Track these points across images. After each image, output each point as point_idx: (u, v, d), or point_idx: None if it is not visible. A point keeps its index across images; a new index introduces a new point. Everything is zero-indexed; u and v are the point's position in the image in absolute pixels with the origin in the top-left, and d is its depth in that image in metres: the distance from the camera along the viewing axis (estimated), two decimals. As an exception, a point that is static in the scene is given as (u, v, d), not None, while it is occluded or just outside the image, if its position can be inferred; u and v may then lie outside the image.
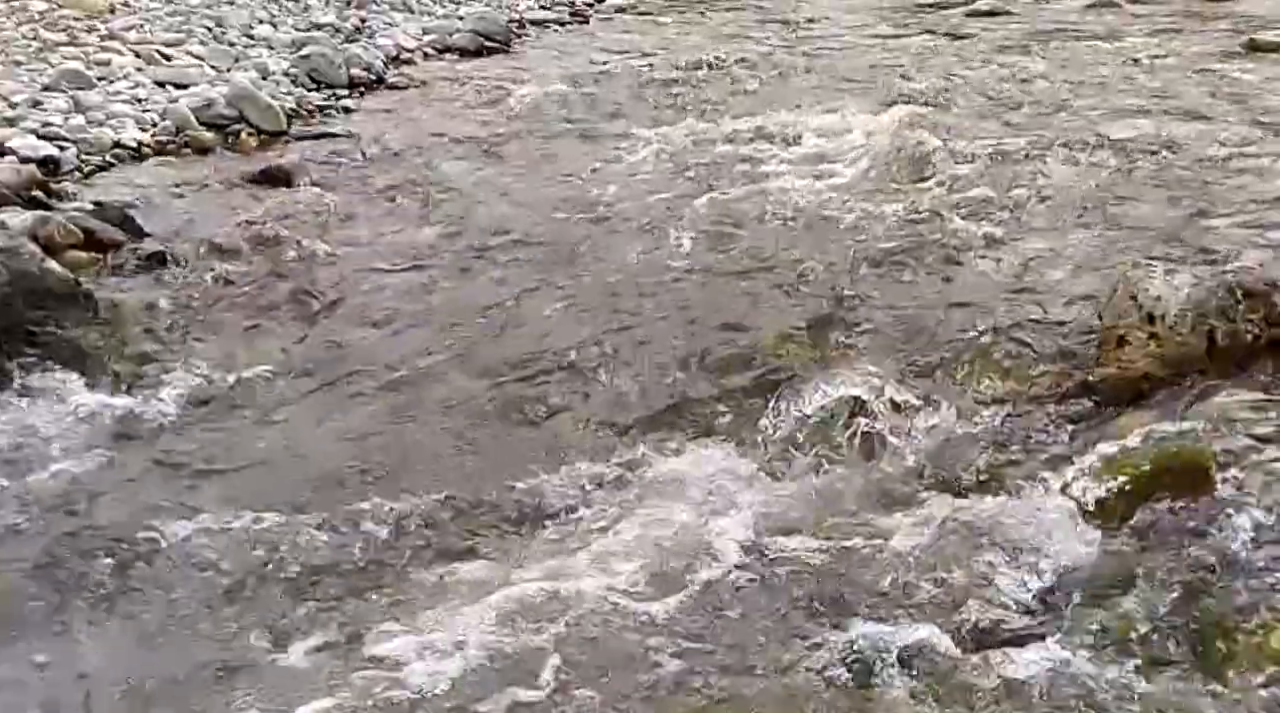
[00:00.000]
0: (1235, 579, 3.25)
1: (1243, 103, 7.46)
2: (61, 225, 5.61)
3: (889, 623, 3.21)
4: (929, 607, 3.26)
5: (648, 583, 3.44)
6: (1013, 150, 6.49)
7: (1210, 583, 3.23)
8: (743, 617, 3.32)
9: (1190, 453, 3.67)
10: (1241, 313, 4.13)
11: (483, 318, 5.16)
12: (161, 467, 4.21)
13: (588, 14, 11.72)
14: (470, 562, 3.64)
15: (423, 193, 6.60)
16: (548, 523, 3.80)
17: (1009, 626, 3.19)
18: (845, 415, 4.08)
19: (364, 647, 3.28)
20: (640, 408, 4.39)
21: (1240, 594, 3.20)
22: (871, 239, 5.50)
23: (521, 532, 3.77)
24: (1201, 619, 3.13)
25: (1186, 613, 3.17)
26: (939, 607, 3.26)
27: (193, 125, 7.33)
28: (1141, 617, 3.15)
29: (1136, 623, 3.14)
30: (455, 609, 3.37)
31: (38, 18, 8.48)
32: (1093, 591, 3.27)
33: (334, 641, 3.33)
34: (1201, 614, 3.14)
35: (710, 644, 3.22)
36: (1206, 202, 5.66)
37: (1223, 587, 3.22)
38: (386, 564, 3.65)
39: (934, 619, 3.20)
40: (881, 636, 3.15)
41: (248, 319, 5.23)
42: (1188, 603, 3.18)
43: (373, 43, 9.55)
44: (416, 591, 3.52)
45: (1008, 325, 4.54)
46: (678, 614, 3.32)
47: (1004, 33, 9.98)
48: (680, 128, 7.32)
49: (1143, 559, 3.35)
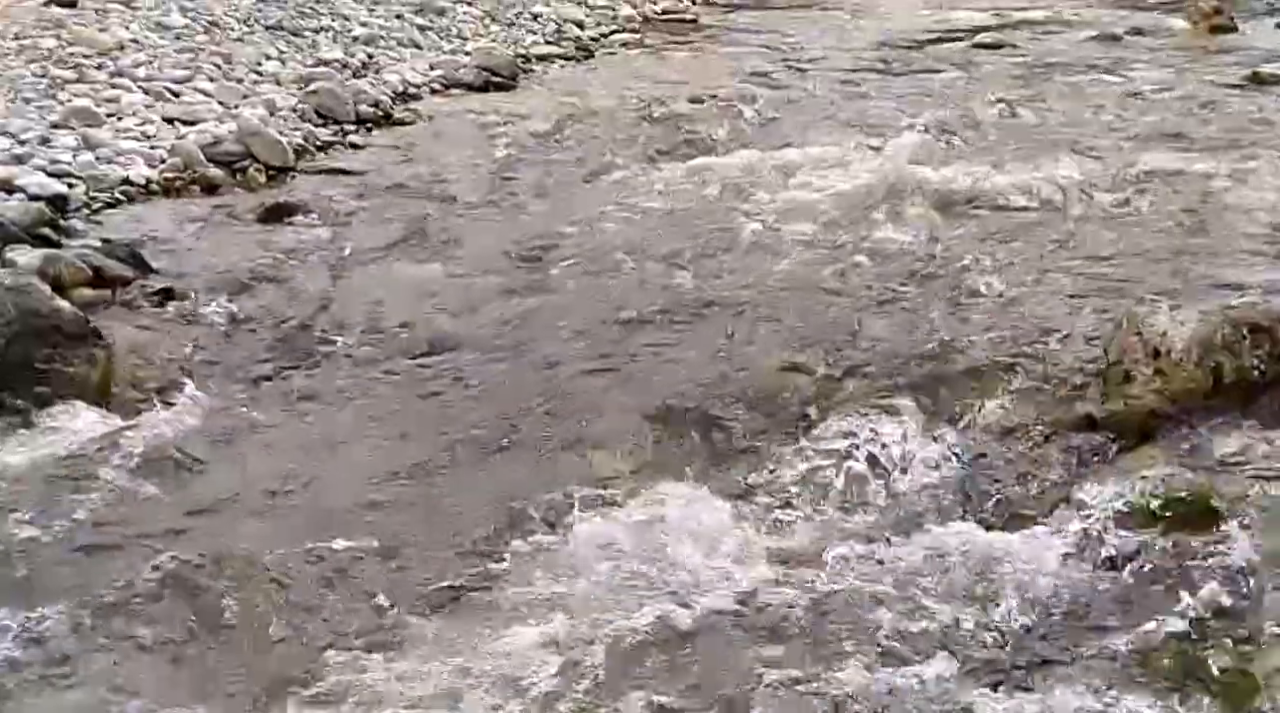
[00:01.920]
0: (1242, 617, 3.25)
1: (1246, 136, 7.49)
2: (70, 263, 5.63)
3: (887, 660, 3.20)
4: (929, 644, 3.25)
5: (638, 617, 3.43)
6: (1016, 184, 6.51)
7: (1217, 621, 3.23)
8: (738, 653, 3.30)
9: (1197, 490, 3.67)
10: (1247, 348, 4.14)
11: (488, 353, 5.18)
12: (168, 503, 4.21)
13: (592, 49, 11.78)
14: (461, 599, 3.66)
15: (429, 228, 6.62)
16: (540, 556, 3.79)
17: (1010, 664, 3.18)
18: (847, 450, 4.09)
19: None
20: (641, 441, 4.40)
21: (1247, 632, 3.20)
22: (874, 273, 5.52)
23: (513, 565, 3.76)
24: (1207, 658, 3.13)
25: (1192, 652, 3.16)
26: (939, 644, 3.25)
27: (200, 162, 7.36)
28: (1146, 656, 3.14)
29: (1141, 662, 3.13)
30: (433, 651, 3.38)
31: (47, 55, 8.52)
32: (1097, 629, 3.27)
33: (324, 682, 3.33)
34: (1207, 654, 3.13)
35: (706, 680, 3.21)
36: (1212, 236, 5.68)
37: (1229, 625, 3.21)
38: (381, 600, 3.65)
39: (934, 657, 3.19)
40: (881, 674, 3.14)
41: (256, 356, 5.24)
42: (1194, 642, 3.17)
43: (380, 78, 9.61)
44: (407, 630, 3.52)
45: (1013, 361, 4.55)
46: (671, 649, 3.32)
47: (1007, 66, 10.02)
48: (684, 162, 7.35)
49: (1148, 597, 3.35)
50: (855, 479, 4.02)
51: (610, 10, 13.21)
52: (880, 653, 3.24)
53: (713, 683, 3.21)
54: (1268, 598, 3.33)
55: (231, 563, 3.80)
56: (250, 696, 3.31)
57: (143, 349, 5.16)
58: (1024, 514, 3.77)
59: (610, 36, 12.30)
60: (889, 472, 4.04)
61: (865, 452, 4.08)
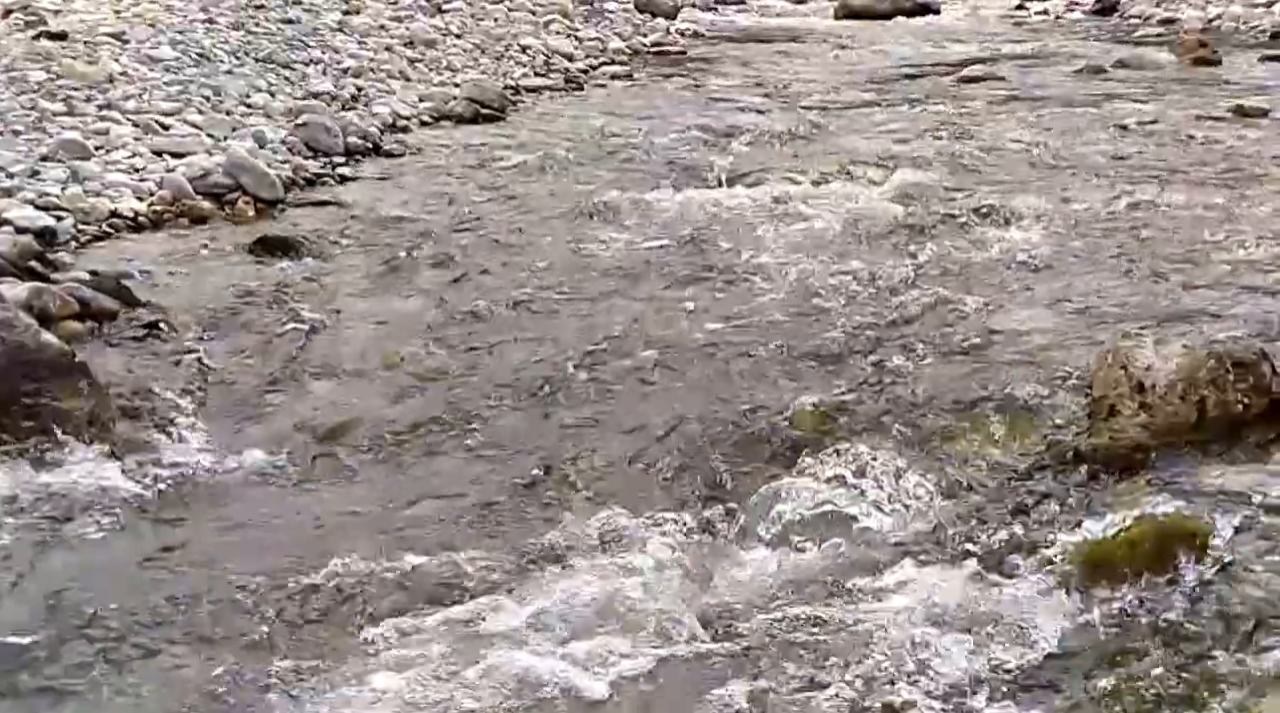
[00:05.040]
0: (1227, 651, 3.25)
1: (1231, 168, 7.55)
2: (57, 296, 5.62)
3: (866, 698, 3.19)
4: (915, 682, 3.24)
5: (618, 654, 3.42)
6: (1003, 217, 6.55)
7: (1202, 656, 3.23)
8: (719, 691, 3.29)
9: (1182, 523, 3.67)
10: (1231, 382, 4.15)
11: (480, 387, 5.17)
12: (153, 538, 4.20)
13: (582, 81, 11.86)
14: (439, 623, 3.64)
15: (419, 261, 6.63)
16: (528, 588, 3.78)
17: (995, 702, 3.18)
18: (833, 484, 4.09)
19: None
20: (633, 477, 4.40)
21: (1233, 666, 3.20)
22: (858, 307, 5.54)
23: (496, 598, 3.75)
24: (1193, 693, 3.13)
25: (1178, 687, 3.16)
26: (926, 681, 3.25)
27: (189, 194, 7.37)
28: (1132, 692, 3.14)
29: (1126, 698, 3.13)
30: (414, 677, 3.37)
31: (36, 88, 8.54)
32: (1081, 665, 3.26)
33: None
34: (1193, 688, 3.13)
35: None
36: (1196, 269, 5.71)
37: (1214, 659, 3.21)
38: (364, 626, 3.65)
39: (921, 695, 3.19)
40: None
41: (244, 390, 5.23)
42: (1179, 676, 3.17)
43: (369, 110, 9.65)
44: (385, 657, 3.51)
45: (998, 395, 4.56)
46: (646, 686, 3.31)
47: (994, 99, 10.11)
48: (672, 195, 7.38)
49: (1133, 632, 3.34)
50: (833, 516, 4.02)
51: (599, 43, 13.33)
52: (858, 692, 3.22)
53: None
54: (1254, 634, 3.32)
55: (215, 599, 3.79)
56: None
57: (130, 383, 5.13)
58: (1008, 548, 3.76)
59: (599, 69, 12.41)
60: (872, 509, 4.04)
61: (847, 488, 4.08)
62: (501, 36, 12.58)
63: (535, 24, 13.32)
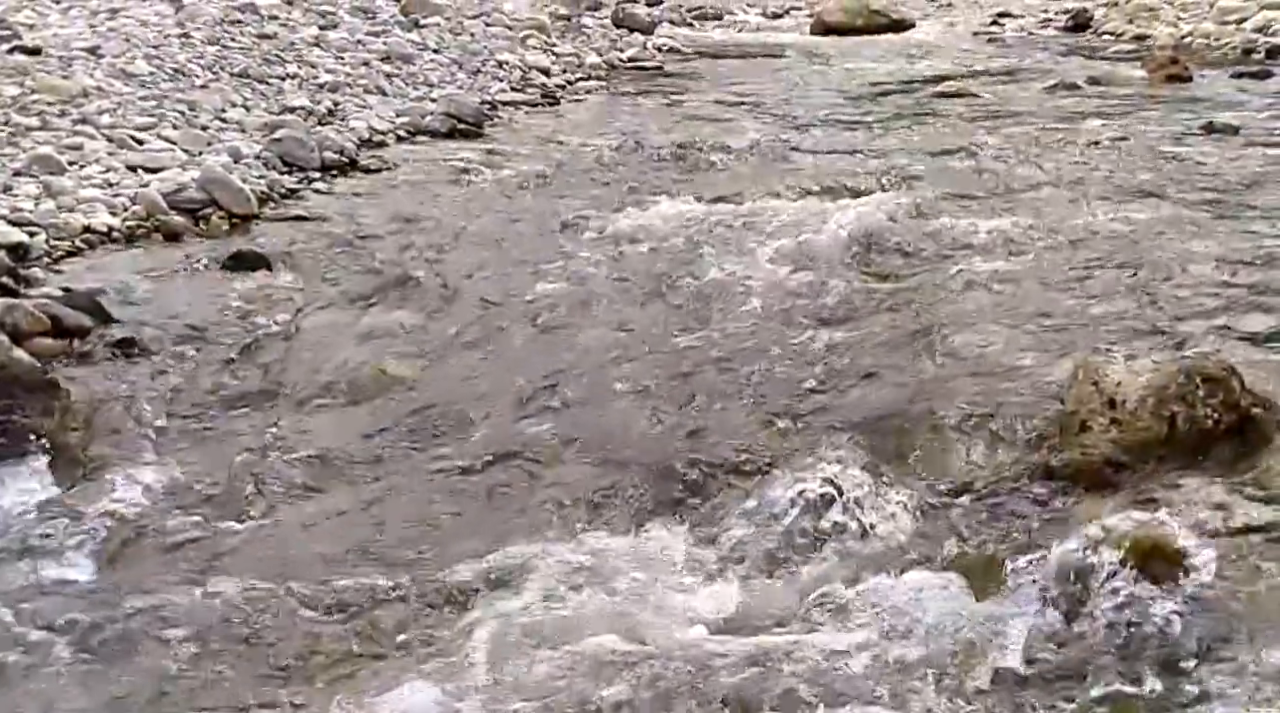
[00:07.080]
0: (1198, 667, 3.27)
1: (1202, 185, 7.60)
2: (29, 312, 5.59)
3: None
4: (886, 700, 3.25)
5: (592, 671, 3.43)
6: (975, 234, 6.57)
7: (1172, 671, 3.25)
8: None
9: (1151, 538, 3.69)
10: (1201, 398, 4.18)
11: (455, 403, 5.17)
12: (124, 558, 4.18)
13: (559, 96, 11.87)
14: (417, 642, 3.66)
15: (393, 276, 6.61)
16: (499, 605, 3.78)
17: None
18: (805, 503, 4.10)
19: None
20: (605, 494, 4.40)
21: (1202, 682, 3.22)
22: (832, 324, 5.56)
23: (469, 614, 3.76)
24: (1165, 707, 3.14)
25: (1151, 701, 3.18)
26: (896, 699, 3.25)
27: (163, 210, 7.34)
28: (1103, 706, 3.16)
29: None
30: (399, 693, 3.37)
31: (10, 103, 8.51)
32: (1053, 681, 3.28)
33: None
34: (1164, 703, 3.15)
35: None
36: (1167, 285, 5.74)
37: (1185, 675, 3.23)
38: (351, 645, 3.66)
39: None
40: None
41: (218, 407, 5.21)
42: (1149, 693, 3.19)
43: (346, 125, 9.63)
44: (369, 675, 3.52)
45: (969, 411, 4.57)
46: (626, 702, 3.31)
47: (968, 115, 10.16)
48: (649, 211, 7.38)
49: (1104, 647, 3.36)
50: (805, 533, 4.02)
51: (576, 58, 13.34)
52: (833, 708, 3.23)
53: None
54: (1226, 647, 3.34)
55: (188, 618, 3.78)
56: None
57: (102, 400, 5.12)
58: (980, 563, 3.78)
59: (576, 84, 12.42)
60: (845, 524, 4.05)
61: (818, 505, 4.09)
62: (479, 52, 12.59)
63: (512, 39, 13.33)
